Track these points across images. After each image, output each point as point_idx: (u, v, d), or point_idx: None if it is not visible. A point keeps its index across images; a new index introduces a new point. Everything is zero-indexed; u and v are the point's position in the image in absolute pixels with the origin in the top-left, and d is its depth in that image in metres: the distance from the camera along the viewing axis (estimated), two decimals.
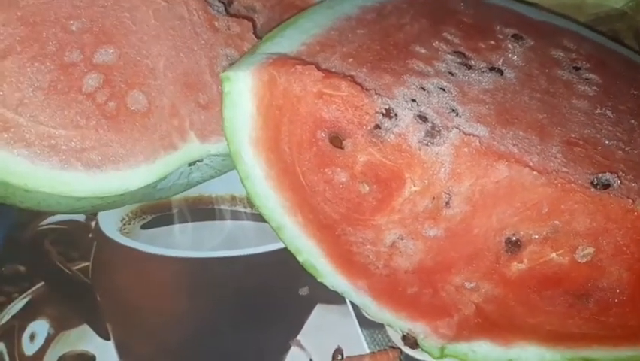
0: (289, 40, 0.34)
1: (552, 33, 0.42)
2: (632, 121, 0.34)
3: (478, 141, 0.29)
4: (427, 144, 0.29)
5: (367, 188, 0.32)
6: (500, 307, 0.33)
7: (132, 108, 0.34)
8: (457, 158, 0.29)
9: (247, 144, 0.33)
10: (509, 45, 0.38)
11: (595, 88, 0.36)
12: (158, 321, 0.39)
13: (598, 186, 0.28)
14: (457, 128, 0.29)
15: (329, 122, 0.30)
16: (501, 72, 0.35)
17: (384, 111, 0.30)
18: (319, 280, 0.36)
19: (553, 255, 0.30)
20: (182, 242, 0.42)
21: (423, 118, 0.30)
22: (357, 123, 0.30)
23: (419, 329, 0.35)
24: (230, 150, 0.34)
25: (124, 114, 0.34)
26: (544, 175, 0.28)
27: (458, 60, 0.35)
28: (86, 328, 0.39)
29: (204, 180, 0.41)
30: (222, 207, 0.44)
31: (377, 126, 0.30)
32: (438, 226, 0.31)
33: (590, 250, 0.29)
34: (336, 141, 0.31)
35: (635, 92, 0.38)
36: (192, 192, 0.43)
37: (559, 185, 0.28)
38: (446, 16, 0.40)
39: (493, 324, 0.34)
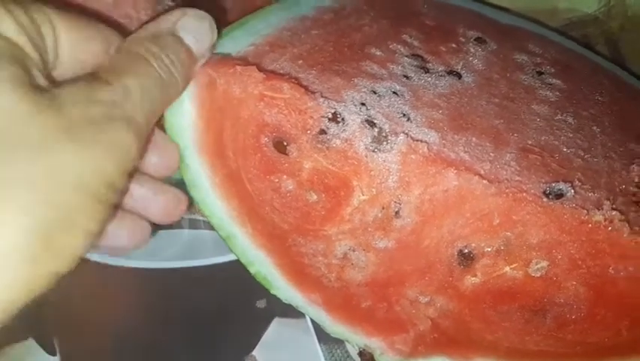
0: (237, 41, 0.32)
1: (517, 37, 0.41)
2: (594, 128, 0.33)
3: (427, 147, 0.27)
4: (373, 150, 0.28)
5: (315, 197, 0.30)
6: (456, 323, 0.32)
7: None
8: (404, 165, 0.27)
9: (191, 149, 0.31)
10: (471, 49, 0.37)
11: (557, 93, 0.35)
12: (109, 336, 0.38)
13: (550, 196, 0.26)
14: (404, 133, 0.27)
15: (272, 126, 0.28)
16: (459, 76, 0.34)
17: (330, 115, 0.28)
18: (272, 292, 0.35)
19: (507, 268, 0.28)
20: (137, 252, 0.39)
21: (371, 123, 0.28)
22: (301, 128, 0.28)
23: (375, 344, 0.34)
24: None
25: None
26: (495, 184, 0.26)
27: (415, 63, 0.34)
28: (31, 342, 0.37)
29: None
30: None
31: (322, 131, 0.28)
32: (388, 237, 0.30)
33: (544, 263, 0.27)
34: (281, 146, 0.29)
35: (600, 98, 0.36)
36: None
37: (510, 195, 0.26)
38: (408, 18, 0.39)
39: (450, 340, 0.32)
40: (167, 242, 0.40)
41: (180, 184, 0.32)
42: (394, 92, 0.31)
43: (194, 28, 0.27)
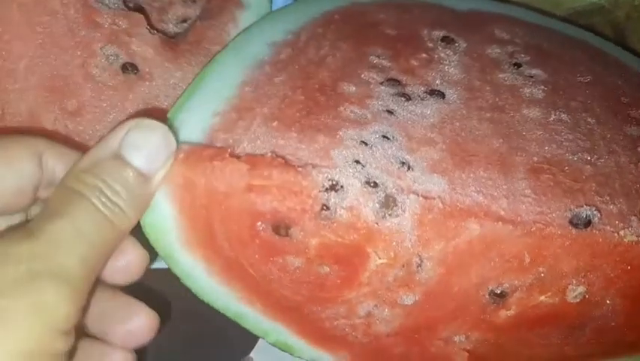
0: (198, 115, 0.28)
1: (481, 24, 0.39)
2: (589, 119, 0.32)
3: (441, 202, 0.25)
4: (383, 217, 0.25)
5: (327, 269, 0.28)
6: (493, 348, 0.31)
7: None
8: (421, 225, 0.25)
9: (177, 246, 0.28)
10: (442, 54, 0.34)
11: (542, 87, 0.33)
12: None
13: (579, 226, 0.25)
14: (414, 193, 0.25)
15: (268, 214, 0.25)
16: (442, 95, 0.31)
17: (328, 186, 0.25)
18: (296, 355, 0.33)
19: (542, 298, 0.27)
20: None
21: (372, 184, 0.26)
22: (301, 210, 0.25)
23: None
24: (161, 255, 0.29)
25: None
26: (519, 225, 0.25)
27: (392, 91, 0.31)
28: None
29: None
30: None
31: (324, 206, 0.25)
32: (414, 292, 0.28)
33: (581, 289, 0.26)
34: (281, 230, 0.26)
35: (582, 79, 0.35)
36: None
37: (537, 232, 0.25)
38: (366, 32, 0.36)
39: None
40: None
41: None
42: (384, 137, 0.28)
43: (143, 144, 0.23)
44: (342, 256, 0.27)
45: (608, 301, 0.27)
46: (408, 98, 0.31)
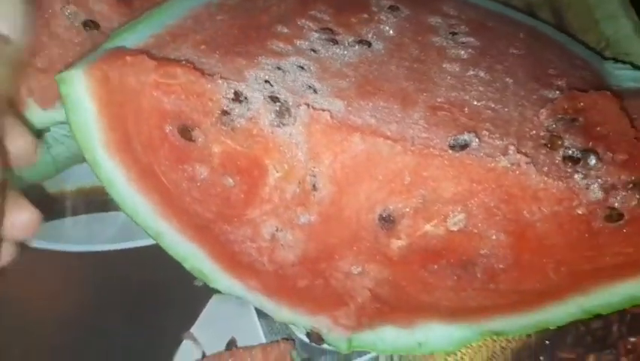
0: (137, 35, 0.31)
1: (433, 1, 0.41)
2: (507, 79, 0.33)
3: (330, 115, 0.27)
4: (277, 125, 0.27)
5: (231, 181, 0.30)
6: (394, 289, 0.32)
7: None
8: (310, 136, 0.27)
9: (99, 148, 0.30)
10: (383, 17, 0.37)
11: (470, 51, 0.35)
12: (47, 320, 0.37)
13: (456, 148, 0.26)
14: (306, 104, 0.27)
15: (173, 113, 0.28)
16: (369, 44, 0.34)
17: (231, 96, 0.28)
18: (212, 285, 0.34)
19: (428, 226, 0.28)
20: (74, 236, 0.40)
21: (274, 99, 0.28)
22: (202, 111, 0.27)
23: (321, 322, 0.33)
24: (86, 158, 0.31)
25: None
26: (400, 143, 0.26)
27: (324, 37, 0.34)
28: None
29: (75, 157, 0.38)
30: None
31: (225, 112, 0.28)
32: (309, 212, 0.29)
33: (461, 216, 0.27)
34: (186, 133, 0.28)
35: (515, 52, 0.36)
36: (86, 183, 0.41)
37: (416, 151, 0.26)
38: None
39: (391, 307, 0.32)
40: (102, 225, 0.40)
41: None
42: (300, 67, 0.30)
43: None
44: (244, 168, 0.29)
45: (492, 237, 0.28)
46: (335, 42, 0.33)
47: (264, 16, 0.35)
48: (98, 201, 0.41)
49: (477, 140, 0.27)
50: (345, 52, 0.32)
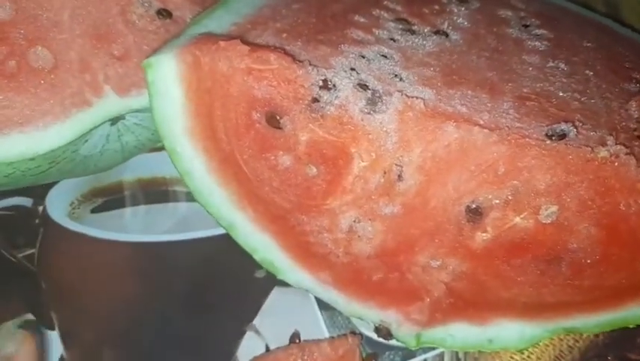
0: (218, 22, 0.31)
1: None
2: (587, 71, 0.33)
3: (423, 103, 0.26)
4: (369, 113, 0.27)
5: (314, 170, 0.29)
6: (471, 284, 0.31)
7: (35, 66, 0.32)
8: (402, 124, 0.27)
9: (181, 136, 0.30)
10: (454, 9, 0.36)
11: (546, 43, 0.34)
12: (107, 309, 0.37)
13: (553, 138, 0.26)
14: (399, 92, 0.27)
15: (263, 100, 0.28)
16: (446, 35, 0.33)
17: (321, 83, 0.27)
18: (280, 277, 0.34)
19: (517, 219, 0.28)
20: (134, 226, 0.40)
21: (363, 86, 0.28)
22: (293, 98, 0.27)
23: (391, 317, 0.33)
24: (166, 146, 0.31)
25: (26, 73, 0.31)
26: (496, 132, 0.26)
27: (400, 27, 0.33)
28: (29, 317, 0.37)
29: (143, 146, 0.39)
30: (177, 188, 0.41)
31: (315, 99, 0.27)
32: (393, 202, 0.29)
33: (554, 208, 0.27)
34: (274, 120, 0.28)
35: (588, 45, 0.36)
36: (145, 174, 0.41)
37: (512, 141, 0.26)
38: None
39: (466, 303, 0.32)
40: (163, 216, 0.40)
41: None
42: (383, 56, 0.30)
43: None
44: (329, 156, 0.29)
45: (583, 230, 0.27)
46: (413, 32, 0.33)
47: (338, 5, 0.35)
48: (157, 192, 0.41)
49: (574, 130, 0.26)
50: (424, 42, 0.32)
